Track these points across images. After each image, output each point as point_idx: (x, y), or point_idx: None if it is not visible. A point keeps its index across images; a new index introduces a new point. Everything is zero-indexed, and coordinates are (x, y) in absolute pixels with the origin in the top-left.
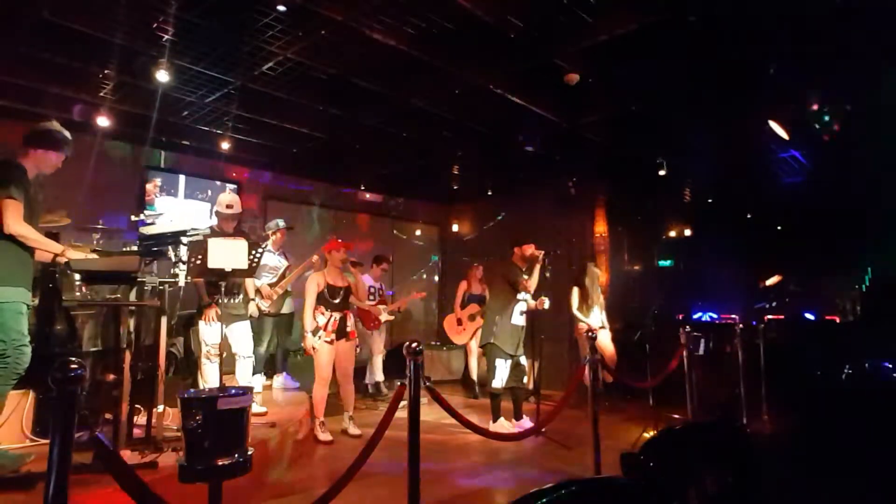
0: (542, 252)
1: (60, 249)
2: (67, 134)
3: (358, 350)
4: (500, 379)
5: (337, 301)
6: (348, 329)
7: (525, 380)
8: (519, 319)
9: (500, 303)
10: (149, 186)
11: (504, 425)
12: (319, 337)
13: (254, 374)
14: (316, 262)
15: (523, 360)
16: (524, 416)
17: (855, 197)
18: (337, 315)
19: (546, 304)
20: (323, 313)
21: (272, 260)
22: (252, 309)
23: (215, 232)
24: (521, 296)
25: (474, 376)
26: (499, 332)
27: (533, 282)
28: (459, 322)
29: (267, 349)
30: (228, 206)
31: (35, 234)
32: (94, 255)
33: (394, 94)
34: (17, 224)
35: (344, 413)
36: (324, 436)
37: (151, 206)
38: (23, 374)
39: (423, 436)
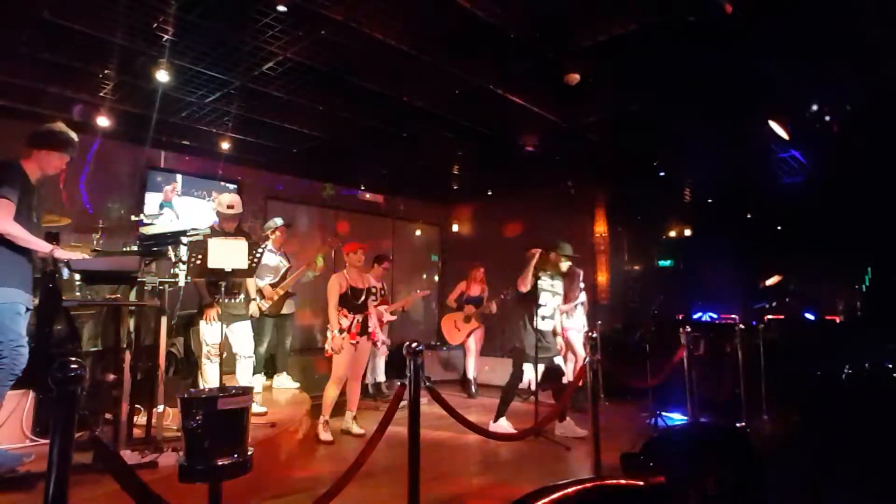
0: (538, 251)
1: (49, 249)
2: (72, 135)
3: (379, 347)
4: (526, 381)
5: (359, 302)
6: (370, 329)
7: (564, 380)
8: (542, 324)
9: (517, 307)
10: (167, 188)
11: (503, 425)
12: (343, 338)
13: (255, 373)
14: (314, 265)
15: (557, 360)
16: (567, 418)
17: (855, 197)
18: (359, 317)
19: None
20: (346, 315)
21: (272, 260)
22: (253, 309)
23: (216, 232)
24: (542, 298)
25: (471, 375)
26: (524, 336)
27: (526, 280)
28: (456, 324)
29: (267, 350)
30: (229, 207)
31: (24, 234)
32: (84, 255)
33: (394, 94)
34: (6, 223)
35: (347, 412)
36: (325, 435)
37: (168, 204)
38: (20, 375)
39: (423, 436)
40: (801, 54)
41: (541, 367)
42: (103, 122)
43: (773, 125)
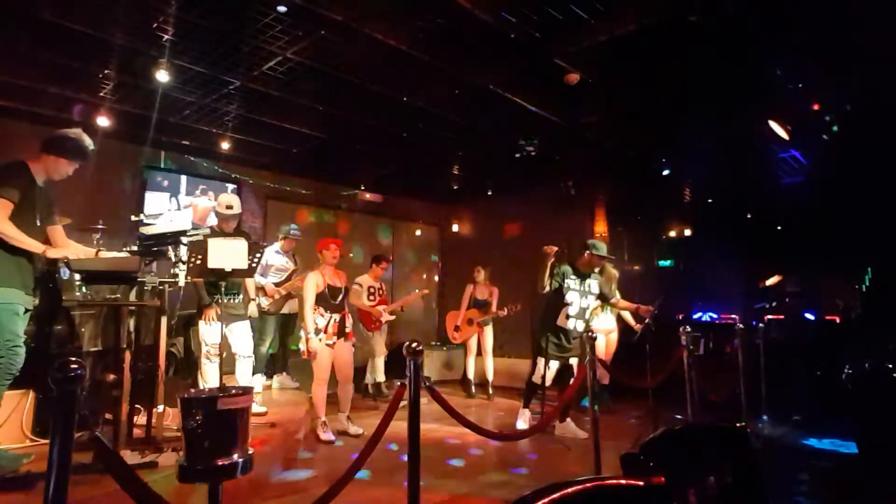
0: (554, 248)
1: (42, 249)
2: (86, 143)
3: (354, 349)
4: (538, 375)
5: (337, 302)
6: (347, 329)
7: (571, 381)
8: (566, 322)
9: (547, 304)
10: (197, 205)
11: (523, 415)
12: (320, 339)
13: (255, 373)
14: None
15: (573, 360)
16: (567, 419)
17: (855, 197)
18: (336, 316)
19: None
20: (322, 315)
21: (279, 261)
22: (252, 309)
23: (215, 232)
24: (568, 297)
25: (471, 376)
26: (545, 332)
27: (542, 280)
28: (457, 328)
29: (269, 349)
30: (228, 207)
31: (18, 234)
32: (78, 252)
33: (394, 94)
34: (1, 223)
35: (340, 414)
36: (325, 435)
37: (203, 228)
38: (17, 375)
39: (423, 436)
40: (800, 54)
41: (556, 365)
42: (103, 122)
43: (773, 125)
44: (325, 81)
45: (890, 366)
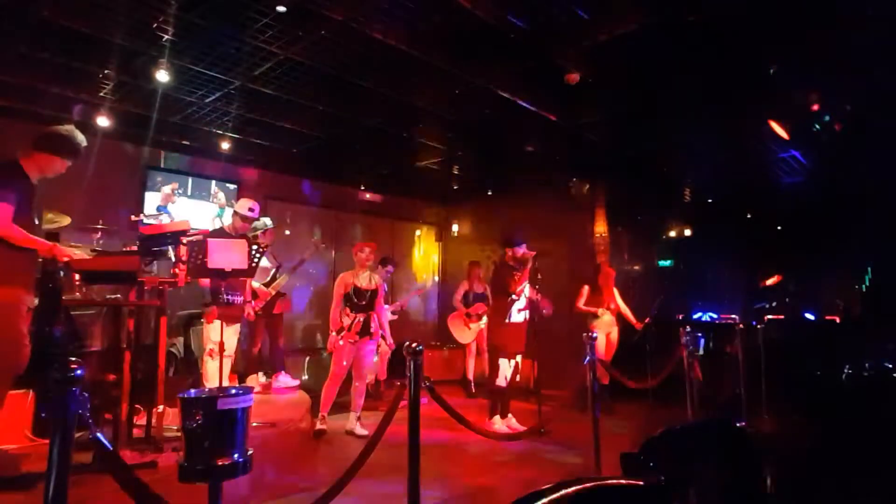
0: (534, 253)
1: (49, 246)
2: (78, 140)
3: (378, 347)
4: (502, 377)
5: (363, 303)
6: (371, 329)
7: (517, 377)
8: (517, 317)
9: (498, 304)
10: (166, 191)
11: (497, 424)
12: (342, 338)
13: (251, 373)
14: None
15: (518, 358)
16: (510, 415)
17: (855, 197)
18: (361, 317)
19: (548, 310)
20: (348, 314)
21: (263, 261)
22: (248, 310)
23: (225, 233)
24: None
25: (470, 376)
26: (501, 332)
27: (517, 282)
28: (466, 323)
29: (261, 349)
30: (251, 210)
31: (23, 235)
32: (83, 254)
33: (394, 94)
34: (4, 226)
35: (351, 413)
36: (320, 424)
37: (164, 208)
38: (21, 374)
39: (423, 435)
40: (801, 54)
41: (513, 363)
42: (103, 122)
43: (773, 125)
44: (325, 81)
45: (890, 366)
